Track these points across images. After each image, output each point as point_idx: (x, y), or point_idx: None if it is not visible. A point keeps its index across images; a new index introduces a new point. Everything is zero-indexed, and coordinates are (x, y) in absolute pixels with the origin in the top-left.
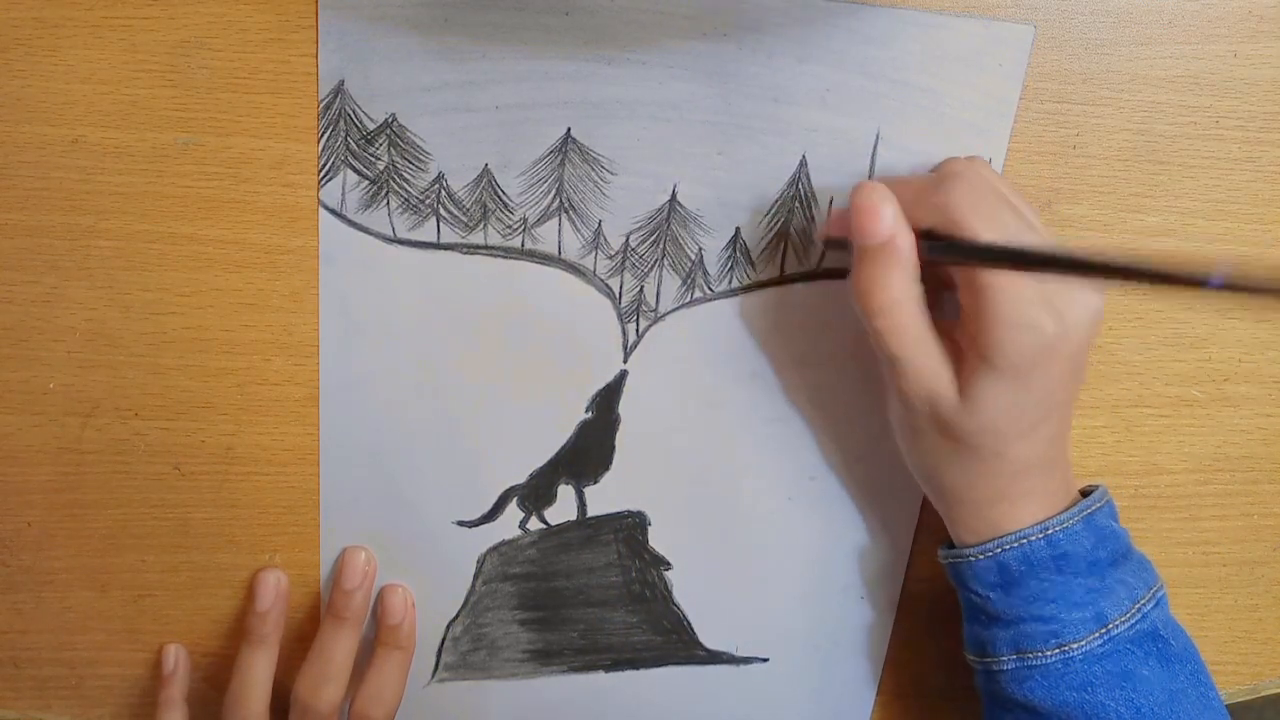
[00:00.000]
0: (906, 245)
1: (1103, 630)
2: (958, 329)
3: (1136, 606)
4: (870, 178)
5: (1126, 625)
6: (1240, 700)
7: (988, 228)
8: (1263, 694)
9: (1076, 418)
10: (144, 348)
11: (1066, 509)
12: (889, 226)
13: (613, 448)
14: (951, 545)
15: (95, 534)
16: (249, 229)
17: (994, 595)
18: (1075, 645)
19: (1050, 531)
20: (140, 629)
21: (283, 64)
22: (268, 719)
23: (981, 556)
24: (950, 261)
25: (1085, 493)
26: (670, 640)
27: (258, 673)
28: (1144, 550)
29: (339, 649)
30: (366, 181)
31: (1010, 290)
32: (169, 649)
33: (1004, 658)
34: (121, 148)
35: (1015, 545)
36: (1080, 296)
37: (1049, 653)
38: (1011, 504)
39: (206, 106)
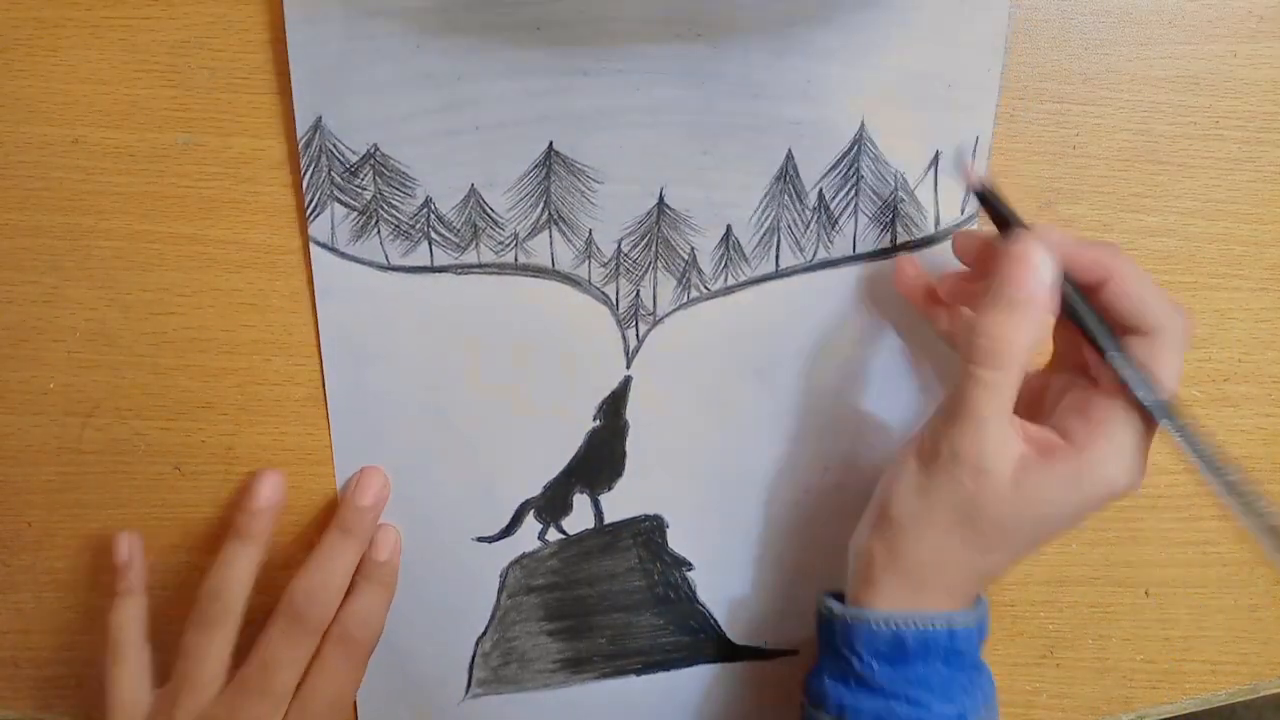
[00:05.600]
0: (1050, 312)
1: None
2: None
3: (986, 711)
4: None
5: None
6: (1240, 700)
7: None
8: (1263, 694)
9: None
10: (144, 348)
11: (967, 608)
12: (1048, 289)
13: (624, 453)
14: (839, 598)
15: (95, 534)
16: (249, 229)
17: (878, 666)
18: None
19: (954, 626)
20: None
21: (283, 64)
22: (240, 617)
23: (883, 625)
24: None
25: None
26: (698, 639)
27: (240, 569)
28: (1144, 550)
29: (341, 562)
30: (355, 213)
31: (1134, 424)
32: (120, 538)
33: None
34: (121, 148)
35: (920, 627)
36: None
37: None
38: (933, 593)
39: (206, 106)
